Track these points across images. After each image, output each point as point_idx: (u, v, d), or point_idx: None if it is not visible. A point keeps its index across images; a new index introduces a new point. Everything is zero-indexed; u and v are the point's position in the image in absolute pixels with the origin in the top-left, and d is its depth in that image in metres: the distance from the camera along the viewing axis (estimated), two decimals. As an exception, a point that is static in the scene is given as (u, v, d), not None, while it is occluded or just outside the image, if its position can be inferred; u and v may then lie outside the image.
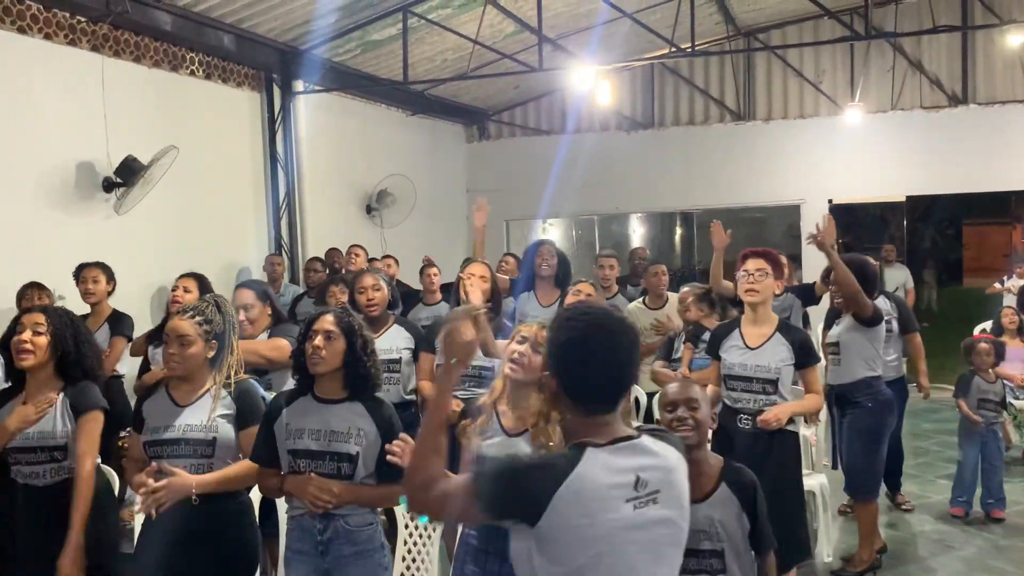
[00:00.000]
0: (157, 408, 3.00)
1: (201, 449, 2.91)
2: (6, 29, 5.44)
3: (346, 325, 2.91)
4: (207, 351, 2.98)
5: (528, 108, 11.67)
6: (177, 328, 2.96)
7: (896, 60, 10.16)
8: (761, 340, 3.92)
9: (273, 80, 7.91)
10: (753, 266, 3.95)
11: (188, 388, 3.00)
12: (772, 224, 13.05)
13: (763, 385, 3.86)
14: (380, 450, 2.84)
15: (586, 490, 1.77)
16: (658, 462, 1.88)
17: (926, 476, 6.44)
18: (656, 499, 1.84)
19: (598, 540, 1.77)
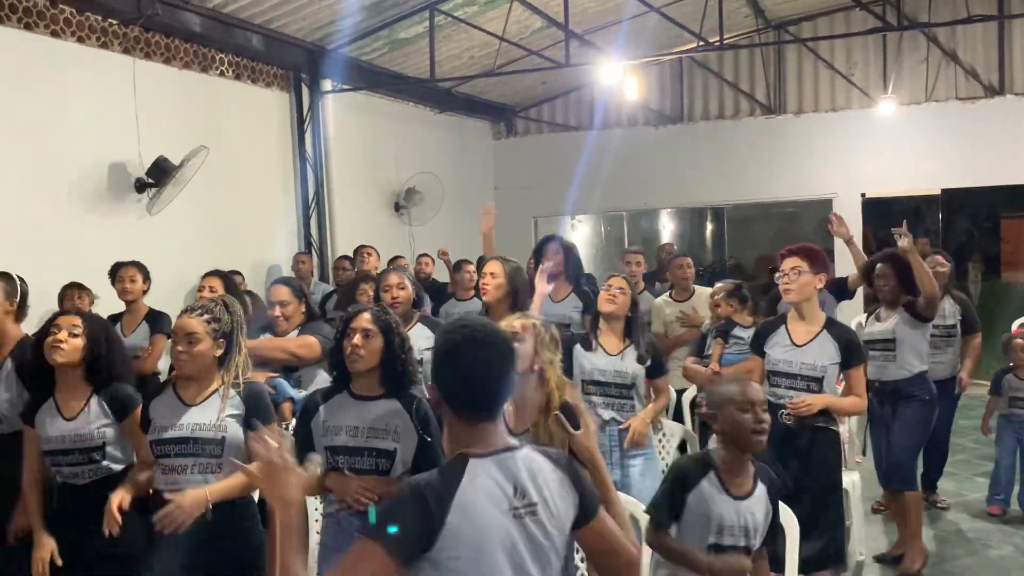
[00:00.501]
0: (164, 407, 2.99)
1: (210, 448, 2.91)
2: (40, 33, 5.52)
3: (383, 323, 2.92)
4: (215, 349, 2.98)
5: (555, 104, 11.64)
6: (185, 326, 2.96)
7: (930, 51, 9.99)
8: (808, 337, 3.88)
9: (301, 80, 7.96)
10: (788, 265, 3.90)
11: (196, 387, 2.99)
12: (803, 219, 12.91)
13: (808, 383, 3.82)
14: (417, 446, 2.85)
15: (471, 503, 1.79)
16: (536, 474, 1.89)
17: (963, 474, 6.33)
18: (535, 511, 1.85)
19: (484, 551, 1.78)
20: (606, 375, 4.01)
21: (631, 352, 4.04)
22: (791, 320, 3.97)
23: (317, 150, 8.11)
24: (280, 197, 7.88)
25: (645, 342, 4.10)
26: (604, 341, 4.07)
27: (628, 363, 4.01)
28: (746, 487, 2.68)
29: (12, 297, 3.78)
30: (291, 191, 8.00)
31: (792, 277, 3.87)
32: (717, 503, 2.64)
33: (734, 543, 2.63)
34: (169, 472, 2.92)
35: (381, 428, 2.86)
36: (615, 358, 4.02)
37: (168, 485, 2.92)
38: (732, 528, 2.64)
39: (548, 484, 1.89)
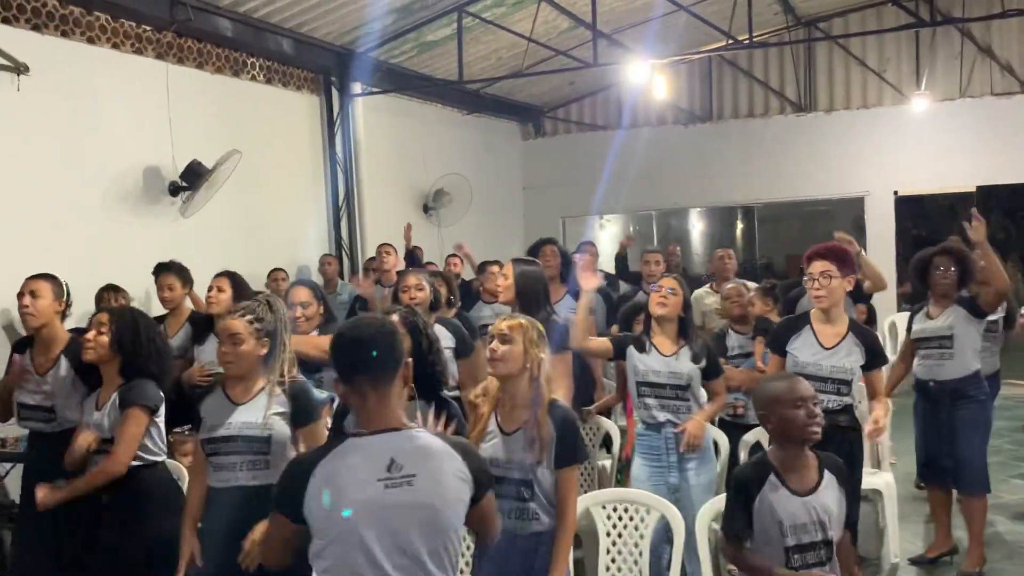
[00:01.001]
0: (214, 406, 3.06)
1: (257, 446, 2.97)
2: (76, 40, 5.62)
3: (411, 324, 2.96)
4: (259, 349, 3.03)
5: (584, 104, 11.63)
6: (229, 327, 3.02)
7: (964, 46, 9.84)
8: (836, 340, 3.85)
9: (331, 83, 8.03)
10: (817, 269, 3.86)
11: (243, 387, 3.06)
12: (836, 217, 12.73)
13: (838, 385, 3.81)
14: None
15: (338, 471, 2.01)
16: (418, 448, 2.06)
17: (999, 475, 6.21)
18: (411, 482, 2.01)
19: (339, 511, 1.99)
20: (660, 376, 3.96)
21: (685, 352, 3.97)
22: (816, 321, 3.92)
23: (347, 152, 8.17)
24: (310, 199, 7.96)
25: (700, 342, 4.04)
26: (658, 342, 4.02)
27: (683, 363, 3.95)
28: (811, 481, 2.67)
29: (60, 298, 3.90)
30: (321, 193, 8.07)
31: (823, 282, 3.83)
32: (784, 504, 2.63)
33: (812, 539, 2.63)
34: (219, 469, 2.99)
35: None
36: (669, 359, 3.97)
37: (219, 482, 2.99)
38: (806, 526, 2.63)
39: (437, 462, 2.06)
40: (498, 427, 2.85)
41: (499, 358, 2.81)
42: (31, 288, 3.84)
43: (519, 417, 2.81)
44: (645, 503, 3.36)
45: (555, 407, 2.83)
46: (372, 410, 2.08)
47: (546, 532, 2.77)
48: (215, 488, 3.00)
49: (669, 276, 4.20)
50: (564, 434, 2.79)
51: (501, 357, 2.81)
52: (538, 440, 2.74)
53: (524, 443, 2.76)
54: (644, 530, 3.31)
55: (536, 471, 2.75)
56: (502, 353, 2.80)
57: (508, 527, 2.75)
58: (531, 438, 2.74)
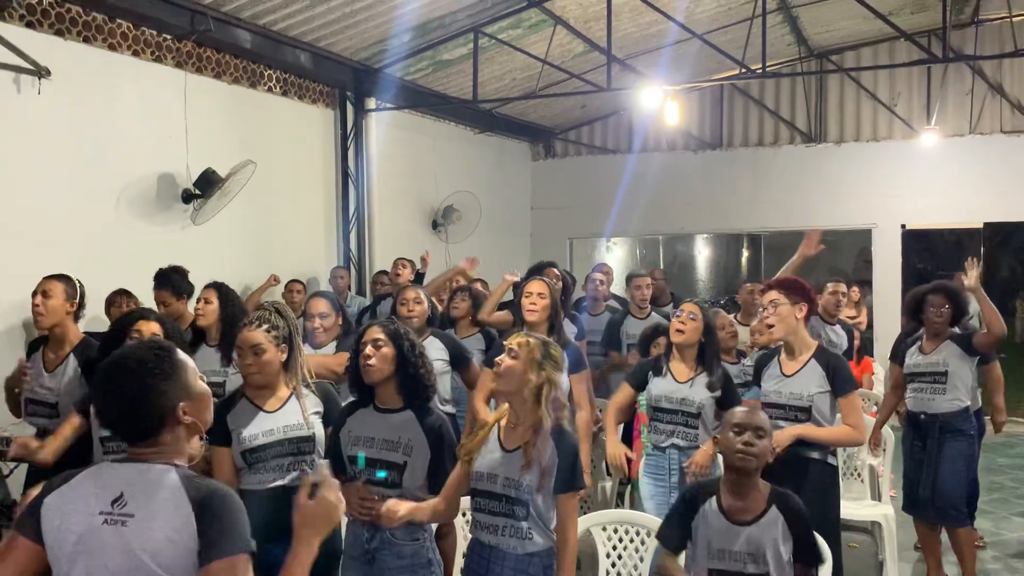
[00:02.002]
0: (245, 418, 3.06)
1: (304, 446, 3.04)
2: (98, 47, 5.70)
3: (391, 331, 2.99)
4: (280, 355, 3.08)
5: (595, 127, 11.70)
6: (249, 339, 3.06)
7: (975, 83, 9.91)
8: (796, 367, 3.84)
9: (347, 97, 8.10)
10: (766, 299, 3.88)
11: (270, 394, 3.10)
12: (843, 248, 12.79)
13: (795, 413, 3.76)
14: (430, 460, 2.91)
15: (60, 500, 1.84)
16: (151, 487, 1.82)
17: (1000, 512, 6.21)
18: (126, 522, 1.79)
19: (62, 540, 1.82)
20: (672, 402, 3.95)
21: (701, 380, 3.94)
22: (783, 351, 3.94)
23: (359, 166, 8.23)
24: (322, 211, 8.01)
25: (719, 372, 3.97)
26: (674, 367, 4.01)
27: (696, 391, 3.92)
28: (751, 512, 2.67)
29: (73, 298, 3.93)
30: (332, 206, 8.12)
31: (771, 310, 3.84)
32: (714, 527, 2.66)
33: (738, 569, 2.62)
34: (266, 471, 3.01)
35: (394, 441, 2.93)
36: (683, 385, 3.95)
37: (263, 484, 3.01)
38: (735, 554, 2.63)
39: (162, 507, 1.80)
40: (499, 442, 2.83)
41: (500, 372, 2.79)
42: (44, 288, 3.90)
43: (521, 436, 2.78)
44: (646, 525, 3.36)
45: (559, 433, 2.78)
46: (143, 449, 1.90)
47: (539, 552, 2.74)
48: (255, 491, 2.99)
49: (691, 301, 4.14)
50: (564, 460, 2.75)
51: (502, 372, 2.78)
52: (537, 464, 2.70)
53: (522, 464, 2.73)
54: (644, 552, 3.32)
55: (534, 492, 2.73)
56: (504, 368, 2.77)
57: (502, 545, 2.75)
58: (529, 459, 2.71)
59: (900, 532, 4.92)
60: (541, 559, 2.75)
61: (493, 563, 2.75)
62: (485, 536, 2.80)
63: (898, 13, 8.93)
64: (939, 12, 7.92)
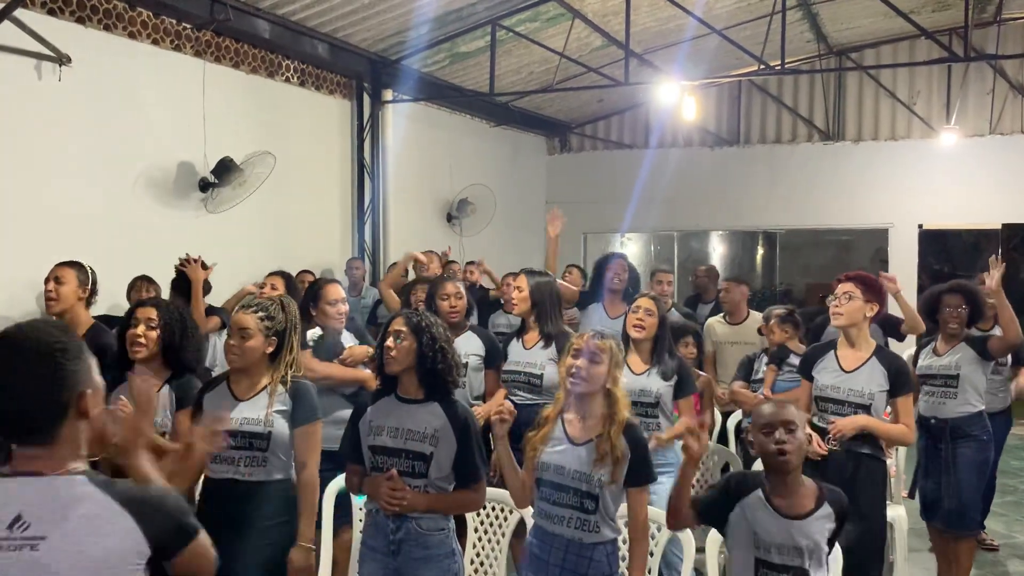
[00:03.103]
0: (217, 400, 3.08)
1: (256, 442, 2.99)
2: (118, 34, 5.73)
3: (415, 324, 2.97)
4: (266, 346, 3.06)
5: (611, 122, 11.67)
6: (239, 321, 3.05)
7: (996, 83, 9.82)
8: (857, 363, 3.82)
9: (364, 89, 8.11)
10: (841, 290, 3.87)
11: (247, 383, 3.08)
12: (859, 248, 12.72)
13: (855, 409, 3.75)
14: (456, 452, 2.91)
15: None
16: (61, 505, 1.60)
17: (1013, 515, 6.18)
18: (36, 546, 1.56)
19: None
20: (632, 394, 3.97)
21: (656, 370, 4.02)
22: (840, 346, 3.92)
23: (375, 158, 8.25)
24: (337, 202, 8.03)
25: (673, 360, 4.06)
26: (630, 360, 4.04)
27: (653, 381, 4.00)
28: (801, 507, 2.66)
29: (85, 285, 3.96)
30: (348, 197, 8.14)
31: (843, 301, 3.84)
32: (761, 520, 2.64)
33: (785, 562, 2.61)
34: (219, 462, 3.00)
35: (419, 431, 2.92)
36: (640, 377, 4.01)
37: (215, 472, 3.02)
38: (781, 547, 2.62)
39: (82, 525, 1.60)
40: (566, 436, 2.86)
41: (584, 377, 2.83)
42: (56, 274, 3.92)
43: (591, 429, 2.82)
44: (657, 521, 3.36)
45: (630, 426, 2.84)
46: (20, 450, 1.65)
47: (603, 543, 2.79)
48: (210, 478, 3.03)
49: (645, 295, 4.19)
50: (637, 454, 2.80)
51: (587, 376, 2.83)
52: (610, 457, 2.74)
53: (595, 457, 2.76)
54: (653, 547, 3.31)
55: (606, 487, 2.76)
56: (587, 372, 2.82)
57: (567, 535, 2.78)
58: (603, 453, 2.74)
59: (911, 534, 4.89)
60: (606, 548, 2.79)
61: (556, 549, 2.79)
62: (549, 525, 2.84)
63: (919, 11, 8.86)
64: (961, 10, 7.85)
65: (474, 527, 3.54)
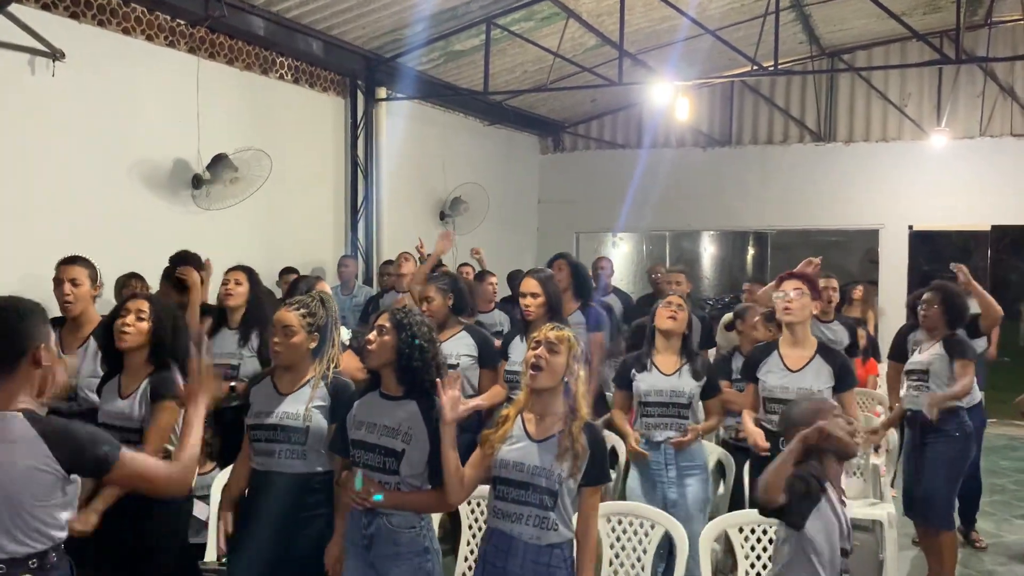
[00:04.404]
0: (262, 395, 3.20)
1: (296, 436, 3.08)
2: (112, 30, 5.72)
3: (397, 320, 2.99)
4: (309, 342, 3.15)
5: (604, 121, 11.69)
6: (282, 319, 3.14)
7: (987, 85, 9.88)
8: (802, 362, 3.90)
9: (357, 86, 8.11)
10: (791, 286, 3.95)
11: (290, 378, 3.19)
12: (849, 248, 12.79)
13: None
14: (430, 451, 2.91)
15: None
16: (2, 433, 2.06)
17: (1002, 515, 6.23)
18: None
19: None
20: (663, 395, 4.02)
21: (687, 370, 4.05)
22: (783, 345, 3.98)
23: (368, 156, 8.25)
24: (330, 200, 8.03)
25: (700, 360, 4.11)
26: (659, 361, 4.09)
27: (684, 381, 4.03)
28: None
29: (95, 281, 3.99)
30: (341, 195, 8.14)
31: (795, 297, 3.90)
32: (839, 514, 2.74)
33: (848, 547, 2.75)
34: (261, 455, 3.13)
35: (394, 428, 2.94)
36: (671, 377, 4.04)
37: (259, 464, 3.14)
38: (845, 535, 2.75)
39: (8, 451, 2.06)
40: (526, 433, 2.84)
41: (544, 367, 2.80)
42: (71, 276, 3.88)
43: (551, 426, 2.80)
44: (650, 518, 3.39)
45: (588, 425, 2.83)
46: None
47: (560, 543, 2.77)
48: (256, 470, 3.16)
49: (675, 294, 4.30)
50: (595, 453, 2.80)
51: (548, 367, 2.80)
52: (571, 453, 2.74)
53: (557, 453, 2.75)
54: (647, 544, 3.34)
55: (564, 482, 2.75)
56: (547, 360, 2.80)
57: (524, 535, 2.76)
58: (564, 449, 2.74)
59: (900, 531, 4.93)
60: (562, 550, 2.77)
61: (512, 553, 2.76)
62: (506, 525, 2.80)
63: (911, 13, 8.91)
64: (952, 13, 7.90)
65: (468, 524, 3.56)
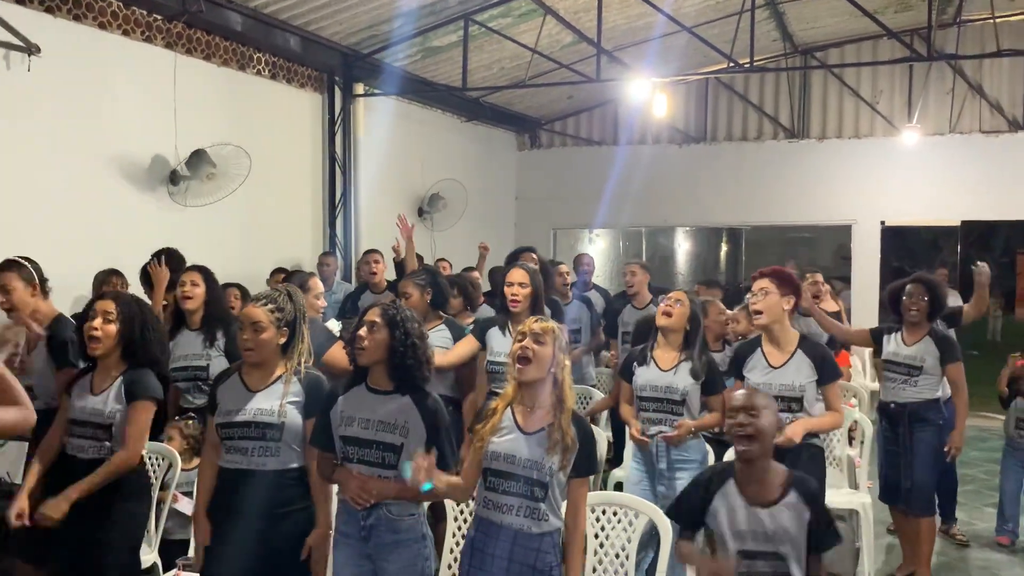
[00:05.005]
0: (230, 393, 3.13)
1: (270, 433, 3.04)
2: (88, 25, 5.66)
3: (389, 317, 2.99)
4: (278, 337, 3.10)
5: (580, 118, 11.75)
6: (251, 315, 3.08)
7: (956, 83, 10.05)
8: (784, 359, 3.93)
9: (335, 82, 8.08)
10: (757, 286, 3.97)
11: (260, 374, 3.13)
12: (822, 244, 12.98)
13: (788, 403, 3.85)
14: (426, 443, 2.94)
15: None
16: None
17: (973, 504, 6.36)
18: None
19: None
20: (657, 390, 4.03)
21: (685, 367, 4.03)
22: (765, 342, 4.02)
23: (347, 152, 8.23)
24: (308, 196, 8.00)
25: (703, 358, 4.06)
26: (658, 355, 4.10)
27: (680, 378, 4.01)
28: (768, 495, 2.73)
29: (31, 282, 3.91)
30: (319, 191, 8.12)
31: (759, 297, 3.93)
32: (734, 508, 2.71)
33: (759, 548, 2.68)
34: (233, 452, 3.07)
35: (390, 423, 2.95)
36: (667, 373, 4.04)
37: (230, 463, 3.08)
38: (755, 534, 2.69)
39: None
40: (516, 425, 2.86)
41: (531, 357, 2.82)
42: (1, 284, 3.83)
43: (541, 419, 2.84)
44: (633, 507, 3.43)
45: (577, 418, 2.86)
46: None
47: (550, 532, 2.81)
48: (226, 468, 3.09)
49: (679, 289, 4.25)
50: (584, 445, 2.83)
51: (535, 358, 2.81)
52: (562, 445, 2.76)
53: (547, 445, 2.77)
54: (631, 534, 3.38)
55: (555, 475, 2.78)
56: (534, 352, 2.81)
57: (514, 525, 2.79)
58: (555, 441, 2.76)
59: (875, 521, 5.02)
60: (552, 538, 2.81)
61: (501, 541, 2.79)
62: (496, 516, 2.82)
63: (883, 11, 9.04)
64: (922, 11, 8.03)
65: (454, 516, 3.58)
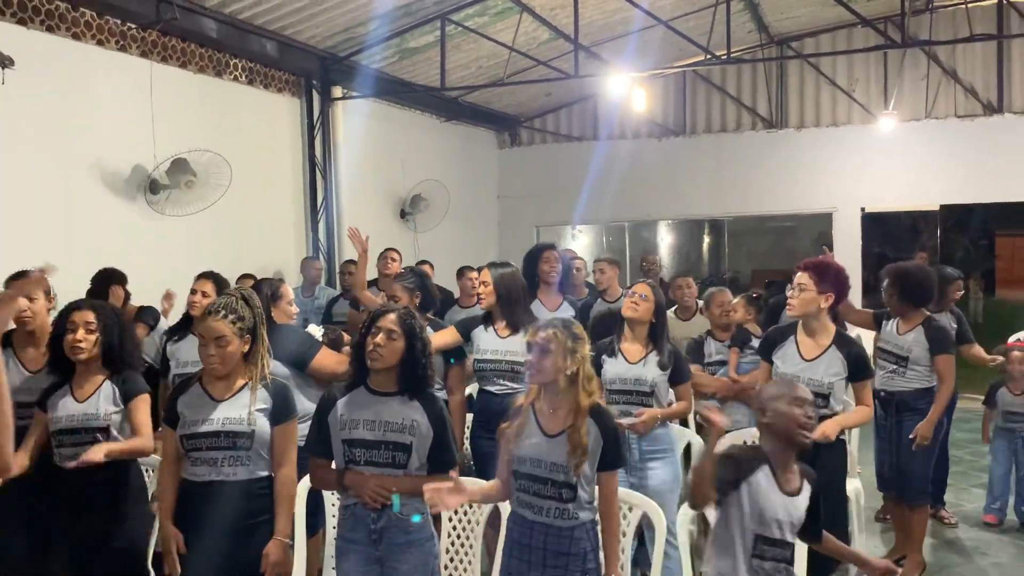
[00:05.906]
0: (193, 403, 3.04)
1: (240, 442, 2.98)
2: (61, 35, 5.62)
3: (408, 326, 2.98)
4: (242, 346, 3.03)
5: (560, 115, 11.76)
6: (214, 330, 2.98)
7: (931, 68, 10.14)
8: (817, 352, 3.92)
9: (313, 86, 8.06)
10: (796, 280, 3.96)
11: (224, 383, 3.05)
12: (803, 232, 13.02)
13: (815, 398, 3.86)
14: (432, 441, 2.95)
15: None
16: None
17: (960, 484, 6.42)
18: None
19: None
20: (626, 383, 4.04)
21: (652, 359, 4.04)
22: (800, 332, 4.00)
23: (327, 155, 8.21)
24: (289, 201, 7.97)
25: (669, 349, 4.08)
26: (625, 348, 4.09)
27: (649, 370, 4.02)
28: (795, 484, 2.76)
29: (49, 294, 3.93)
30: (300, 196, 8.09)
31: (795, 292, 3.94)
32: (769, 497, 2.71)
33: (780, 537, 2.71)
34: (200, 464, 2.99)
35: (397, 423, 2.94)
36: (636, 365, 4.05)
37: (196, 476, 3.00)
38: (780, 523, 2.71)
39: None
40: (539, 428, 2.86)
41: (534, 372, 2.85)
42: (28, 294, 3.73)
43: (562, 420, 2.84)
44: (628, 501, 3.44)
45: (599, 412, 2.86)
46: None
47: (583, 524, 2.84)
48: (192, 482, 3.01)
49: (643, 281, 4.21)
50: (609, 439, 2.84)
51: (539, 370, 2.83)
52: (580, 448, 2.76)
53: (569, 448, 2.78)
54: (626, 527, 3.39)
55: (580, 476, 2.79)
56: (540, 366, 2.83)
57: (547, 522, 2.82)
58: (576, 445, 2.76)
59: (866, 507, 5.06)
60: (585, 529, 2.84)
61: (536, 533, 2.82)
62: (529, 514, 2.86)
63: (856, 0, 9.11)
64: (896, -1, 8.10)
65: (448, 517, 3.58)
